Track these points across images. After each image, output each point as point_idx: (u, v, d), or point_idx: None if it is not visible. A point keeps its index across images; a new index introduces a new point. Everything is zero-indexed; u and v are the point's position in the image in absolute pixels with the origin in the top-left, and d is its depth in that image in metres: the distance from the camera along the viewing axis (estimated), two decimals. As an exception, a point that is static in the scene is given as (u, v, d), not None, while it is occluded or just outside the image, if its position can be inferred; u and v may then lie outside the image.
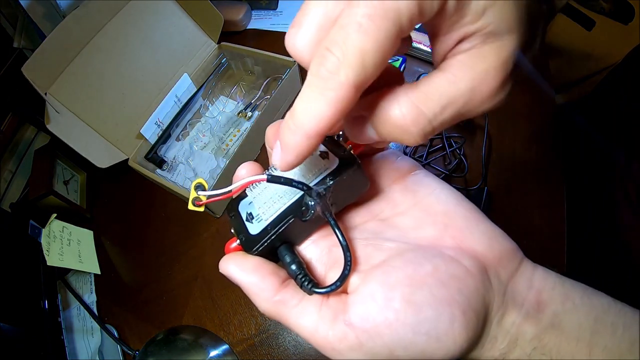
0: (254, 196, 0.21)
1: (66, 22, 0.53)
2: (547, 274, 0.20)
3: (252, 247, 0.20)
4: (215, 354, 0.47)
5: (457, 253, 0.19)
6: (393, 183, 0.22)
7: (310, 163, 0.20)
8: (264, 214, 0.20)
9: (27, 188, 0.65)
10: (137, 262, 0.59)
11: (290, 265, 0.19)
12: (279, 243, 0.20)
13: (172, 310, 0.53)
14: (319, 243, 0.21)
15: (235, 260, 0.20)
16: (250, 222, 0.21)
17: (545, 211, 0.51)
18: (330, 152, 0.20)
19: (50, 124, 0.52)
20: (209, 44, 0.70)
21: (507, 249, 0.20)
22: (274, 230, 0.19)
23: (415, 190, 0.21)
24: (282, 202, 0.20)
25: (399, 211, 0.21)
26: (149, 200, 0.64)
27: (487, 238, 0.20)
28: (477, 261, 0.19)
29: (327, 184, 0.19)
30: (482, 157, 0.55)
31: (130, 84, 0.62)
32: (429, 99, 0.16)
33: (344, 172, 0.19)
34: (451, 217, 0.20)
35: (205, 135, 0.65)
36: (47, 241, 0.52)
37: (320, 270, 0.21)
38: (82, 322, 0.54)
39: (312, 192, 0.19)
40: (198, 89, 0.66)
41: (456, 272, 0.18)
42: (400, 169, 0.22)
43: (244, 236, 0.21)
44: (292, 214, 0.19)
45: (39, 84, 0.52)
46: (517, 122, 0.59)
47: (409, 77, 0.67)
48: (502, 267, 0.19)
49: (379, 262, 0.19)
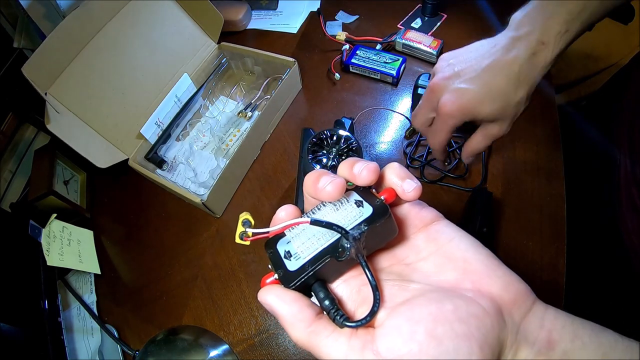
0: (292, 236, 0.23)
1: (66, 22, 0.53)
2: (557, 313, 0.21)
3: (290, 282, 0.22)
4: (215, 354, 0.47)
5: (475, 295, 0.21)
6: (418, 231, 0.24)
7: (347, 210, 0.23)
8: (302, 253, 0.23)
9: (27, 188, 0.65)
10: (137, 262, 0.59)
11: (324, 301, 0.22)
12: (314, 280, 0.22)
13: (172, 310, 0.53)
14: (349, 282, 0.23)
15: (276, 292, 0.22)
16: (289, 260, 0.23)
17: (545, 211, 0.51)
18: (365, 201, 0.23)
19: (50, 124, 0.52)
20: (209, 44, 0.70)
21: (521, 292, 0.22)
22: (312, 267, 0.22)
23: (437, 238, 0.24)
24: (320, 244, 0.22)
25: (422, 257, 0.24)
26: (149, 200, 0.64)
27: (503, 282, 0.21)
28: (493, 302, 0.21)
29: (362, 229, 0.21)
30: (483, 158, 0.55)
31: (130, 84, 0.62)
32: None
33: (377, 220, 0.22)
34: (470, 262, 0.22)
35: (205, 135, 0.65)
36: (47, 241, 0.52)
37: (350, 307, 0.23)
38: (82, 322, 0.54)
39: (348, 236, 0.21)
40: (198, 89, 0.66)
41: (475, 311, 0.20)
42: (424, 218, 0.24)
43: (282, 271, 0.23)
44: (329, 254, 0.22)
45: (39, 84, 0.52)
46: (517, 122, 0.59)
47: (409, 76, 0.67)
48: (516, 308, 0.21)
49: (404, 300, 0.21)
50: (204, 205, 0.54)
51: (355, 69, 0.68)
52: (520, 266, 0.48)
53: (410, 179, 0.23)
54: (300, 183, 0.46)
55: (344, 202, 0.23)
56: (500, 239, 0.50)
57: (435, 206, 0.26)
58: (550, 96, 0.61)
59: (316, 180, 0.23)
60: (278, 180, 0.60)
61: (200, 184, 0.59)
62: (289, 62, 0.63)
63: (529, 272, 0.47)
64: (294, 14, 0.80)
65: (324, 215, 0.23)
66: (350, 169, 0.23)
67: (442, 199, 0.54)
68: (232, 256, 0.55)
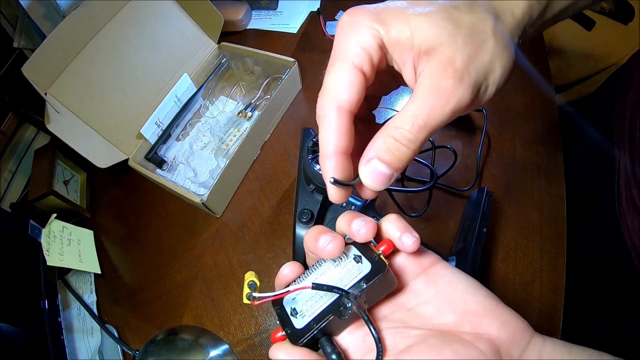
0: (297, 293, 0.25)
1: (66, 22, 0.53)
2: (554, 345, 0.22)
3: (298, 340, 0.23)
4: (215, 354, 0.47)
5: (474, 338, 0.22)
6: (417, 276, 0.25)
7: (346, 267, 0.24)
8: (307, 311, 0.24)
9: (27, 188, 0.65)
10: (137, 262, 0.59)
11: (331, 355, 0.23)
12: (320, 335, 0.23)
13: (172, 310, 0.53)
14: (354, 333, 0.25)
15: (286, 350, 0.23)
16: (295, 317, 0.24)
17: (545, 211, 0.51)
18: (364, 257, 0.24)
19: (50, 124, 0.52)
20: (209, 44, 0.70)
21: (518, 329, 0.22)
22: (317, 325, 0.23)
23: (436, 280, 0.25)
24: (323, 302, 0.24)
25: (422, 301, 0.25)
26: (149, 200, 0.64)
27: (501, 322, 0.22)
28: (491, 344, 0.22)
29: (362, 288, 0.23)
30: (477, 159, 0.55)
31: (130, 84, 0.62)
32: (403, 120, 0.22)
33: (376, 277, 0.23)
34: (469, 304, 0.23)
35: (205, 135, 0.65)
36: (47, 241, 0.52)
37: (356, 356, 0.24)
38: (82, 322, 0.54)
39: (350, 296, 0.22)
40: (198, 89, 0.66)
41: (473, 355, 0.21)
42: (423, 263, 0.25)
43: (289, 329, 0.24)
44: (332, 312, 0.23)
45: (39, 84, 0.52)
46: (517, 122, 0.59)
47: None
48: (514, 345, 0.22)
49: (405, 347, 0.22)
50: (204, 205, 0.54)
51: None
52: (520, 266, 0.48)
53: (409, 232, 0.24)
54: (300, 183, 0.46)
55: (344, 257, 0.25)
56: (500, 239, 0.50)
57: (435, 207, 0.26)
58: (550, 96, 0.61)
59: (316, 238, 0.24)
60: (278, 180, 0.60)
61: (200, 184, 0.59)
62: (289, 62, 0.63)
63: (529, 272, 0.47)
64: (294, 14, 0.80)
65: (325, 271, 0.25)
66: (348, 225, 0.25)
67: (442, 199, 0.54)
68: (232, 256, 0.55)
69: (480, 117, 0.58)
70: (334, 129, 0.22)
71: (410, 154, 0.22)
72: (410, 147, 0.22)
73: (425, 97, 0.21)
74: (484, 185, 0.54)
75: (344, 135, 0.23)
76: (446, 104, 0.21)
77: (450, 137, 0.59)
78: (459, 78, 0.21)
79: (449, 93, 0.21)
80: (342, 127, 0.22)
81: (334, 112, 0.22)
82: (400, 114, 0.22)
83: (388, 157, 0.22)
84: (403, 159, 0.22)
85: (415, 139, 0.22)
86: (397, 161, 0.22)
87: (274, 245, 0.55)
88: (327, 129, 0.23)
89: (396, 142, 0.22)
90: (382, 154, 0.22)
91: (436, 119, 0.21)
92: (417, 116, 0.21)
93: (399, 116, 0.22)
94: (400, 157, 0.22)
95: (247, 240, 0.56)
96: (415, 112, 0.21)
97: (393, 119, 0.22)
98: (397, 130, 0.22)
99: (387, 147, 0.22)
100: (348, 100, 0.22)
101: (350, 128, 0.23)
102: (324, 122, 0.23)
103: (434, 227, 0.52)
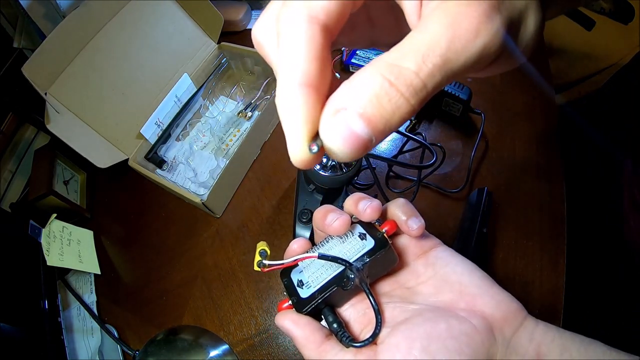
0: (304, 266, 0.27)
1: (66, 22, 0.53)
2: (547, 328, 0.23)
3: (303, 308, 0.25)
4: (215, 354, 0.47)
5: (468, 314, 0.23)
6: (417, 258, 0.26)
7: (351, 243, 0.26)
8: (312, 282, 0.26)
9: (27, 188, 0.65)
10: (137, 262, 0.59)
11: (332, 324, 0.24)
12: (324, 306, 0.25)
13: (172, 310, 0.53)
14: (356, 306, 0.26)
15: (290, 317, 0.25)
16: (301, 288, 0.26)
17: (545, 211, 0.51)
18: (368, 234, 0.25)
19: (50, 124, 0.52)
20: (209, 44, 0.70)
21: (512, 309, 0.23)
22: (321, 296, 0.25)
23: (435, 263, 0.25)
24: (328, 274, 0.25)
25: (421, 281, 0.26)
26: (149, 200, 0.64)
27: (495, 301, 0.23)
28: (484, 321, 0.22)
29: (364, 261, 0.24)
30: (470, 159, 0.55)
31: (130, 84, 0.62)
32: (406, 54, 0.14)
33: (378, 252, 0.24)
34: (465, 284, 0.24)
35: (205, 135, 0.65)
36: (47, 241, 0.52)
37: (357, 328, 0.25)
38: (82, 322, 0.54)
39: (352, 268, 0.24)
40: (198, 89, 0.66)
41: (466, 329, 0.22)
42: (424, 246, 0.26)
43: (295, 299, 0.26)
44: (336, 284, 0.24)
45: (39, 84, 0.52)
46: (517, 122, 0.59)
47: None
48: (507, 325, 0.23)
49: (403, 320, 0.23)
50: (204, 205, 0.54)
51: (355, 69, 0.68)
52: (520, 266, 0.48)
53: (415, 217, 0.25)
54: (300, 183, 0.46)
55: (349, 235, 0.26)
56: (500, 239, 0.50)
57: (435, 207, 0.26)
58: (550, 96, 0.61)
59: (324, 216, 0.25)
60: (278, 180, 0.60)
61: (200, 184, 0.59)
62: (289, 62, 0.63)
63: (529, 272, 0.47)
64: (294, 14, 0.80)
65: (331, 247, 0.26)
66: (355, 205, 0.25)
67: (442, 199, 0.54)
68: (232, 256, 0.55)
69: (478, 118, 0.58)
70: (302, 45, 0.14)
71: (408, 110, 0.14)
72: (411, 100, 0.14)
73: (444, 22, 0.14)
74: (484, 185, 0.54)
75: (316, 58, 0.15)
76: (475, 36, 0.14)
77: (450, 137, 0.59)
78: (492, 4, 0.14)
79: (480, 22, 0.14)
80: (315, 46, 0.14)
81: (304, 22, 0.15)
82: (400, 47, 0.14)
83: (372, 109, 0.14)
84: (394, 118, 0.14)
85: (422, 85, 0.14)
86: (384, 119, 0.14)
87: (274, 245, 0.55)
88: (290, 44, 0.14)
89: (391, 87, 0.14)
90: (362, 102, 0.14)
91: (459, 57, 0.14)
92: (431, 49, 0.14)
93: (397, 49, 0.14)
94: (391, 113, 0.14)
95: (247, 240, 0.56)
96: (428, 42, 0.14)
97: (387, 53, 0.14)
98: (393, 68, 0.14)
99: (373, 92, 0.14)
100: (326, 9, 0.15)
101: (327, 53, 0.15)
102: (286, 34, 0.15)
103: (434, 227, 0.52)
